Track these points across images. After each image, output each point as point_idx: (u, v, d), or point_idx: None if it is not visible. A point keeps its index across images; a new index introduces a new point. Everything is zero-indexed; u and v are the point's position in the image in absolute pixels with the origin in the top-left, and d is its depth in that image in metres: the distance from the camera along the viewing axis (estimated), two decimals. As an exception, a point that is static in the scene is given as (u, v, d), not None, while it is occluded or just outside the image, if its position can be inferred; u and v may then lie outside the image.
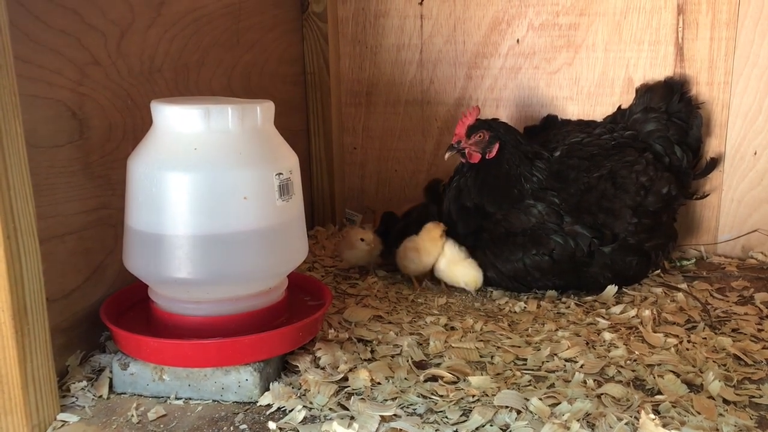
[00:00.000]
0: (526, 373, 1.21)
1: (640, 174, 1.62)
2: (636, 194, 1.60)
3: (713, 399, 1.12)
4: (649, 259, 1.63)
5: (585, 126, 1.77)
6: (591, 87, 1.88)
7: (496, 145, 1.59)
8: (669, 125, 1.73)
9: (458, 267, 1.59)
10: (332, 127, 2.06)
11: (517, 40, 1.91)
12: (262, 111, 1.16)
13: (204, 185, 1.10)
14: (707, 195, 1.81)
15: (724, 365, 1.24)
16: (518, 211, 1.58)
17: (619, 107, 1.82)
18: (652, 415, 1.04)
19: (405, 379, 1.19)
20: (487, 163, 1.60)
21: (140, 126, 1.33)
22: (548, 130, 1.80)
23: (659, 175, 1.64)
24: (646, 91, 1.78)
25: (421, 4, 1.95)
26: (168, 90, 1.44)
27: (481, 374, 1.21)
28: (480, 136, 1.59)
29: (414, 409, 1.10)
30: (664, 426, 1.02)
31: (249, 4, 1.73)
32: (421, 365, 1.25)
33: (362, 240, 1.68)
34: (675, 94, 1.75)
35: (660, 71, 1.81)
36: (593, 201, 1.58)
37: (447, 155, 1.62)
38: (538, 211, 1.56)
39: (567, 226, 1.55)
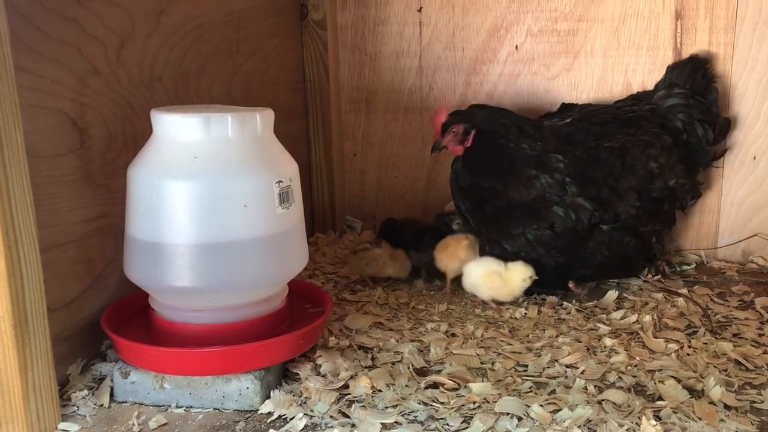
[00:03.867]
0: (527, 380, 1.21)
1: (651, 159, 1.61)
2: (643, 178, 1.60)
3: (714, 404, 1.12)
4: (644, 242, 1.63)
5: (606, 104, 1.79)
6: (590, 92, 1.88)
7: (472, 134, 1.61)
8: (693, 103, 1.70)
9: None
10: (332, 134, 2.06)
11: (516, 47, 1.92)
12: (262, 119, 1.17)
13: (204, 193, 1.10)
14: (725, 151, 1.79)
15: (725, 370, 1.24)
16: (519, 184, 1.58)
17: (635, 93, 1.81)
18: (653, 421, 1.04)
19: (406, 386, 1.19)
20: (469, 151, 1.62)
21: (140, 135, 1.33)
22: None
23: (670, 164, 1.62)
24: (673, 69, 1.76)
25: (419, 11, 1.96)
26: (168, 98, 1.44)
27: (482, 381, 1.21)
28: (455, 131, 1.62)
29: (415, 417, 1.10)
30: (666, 432, 1.02)
31: (249, 12, 1.74)
32: (422, 372, 1.25)
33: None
34: (700, 71, 1.73)
35: (658, 76, 1.80)
36: (600, 175, 1.58)
37: (432, 154, 1.68)
38: (541, 183, 1.56)
39: (569, 198, 1.55)
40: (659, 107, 1.71)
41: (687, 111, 1.70)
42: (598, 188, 1.57)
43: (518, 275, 1.53)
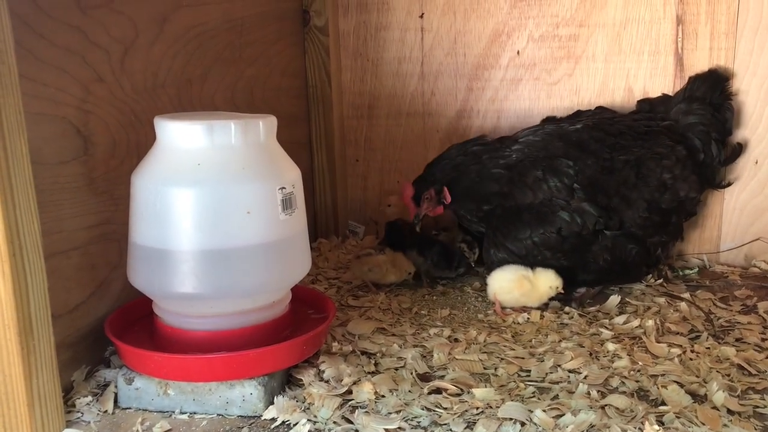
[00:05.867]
0: (529, 385, 1.21)
1: (665, 170, 1.62)
2: (655, 190, 1.60)
3: (717, 409, 1.12)
4: (648, 252, 1.63)
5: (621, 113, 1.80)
6: (591, 97, 1.89)
7: (445, 191, 1.65)
8: (712, 120, 1.71)
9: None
10: (334, 139, 2.07)
11: (518, 52, 1.92)
12: (265, 125, 1.17)
13: (207, 200, 1.11)
14: (731, 183, 1.80)
15: (728, 375, 1.24)
16: (525, 187, 1.59)
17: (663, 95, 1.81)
18: (656, 426, 1.04)
19: (409, 391, 1.19)
20: (453, 204, 1.67)
21: (144, 142, 1.34)
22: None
23: (684, 175, 1.63)
24: (694, 81, 1.75)
25: (421, 17, 1.97)
26: (171, 105, 1.45)
27: (485, 386, 1.21)
28: (428, 197, 1.66)
29: (418, 422, 1.10)
30: (669, 437, 1.02)
31: (251, 19, 1.75)
32: (425, 378, 1.25)
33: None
34: (720, 85, 1.74)
35: (660, 81, 1.82)
36: (613, 185, 1.59)
37: (417, 228, 1.72)
38: (548, 186, 1.58)
39: (575, 202, 1.56)
40: (678, 123, 1.71)
41: (706, 129, 1.70)
42: (609, 198, 1.58)
43: (545, 281, 1.54)
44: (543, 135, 1.66)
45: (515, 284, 1.53)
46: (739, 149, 1.77)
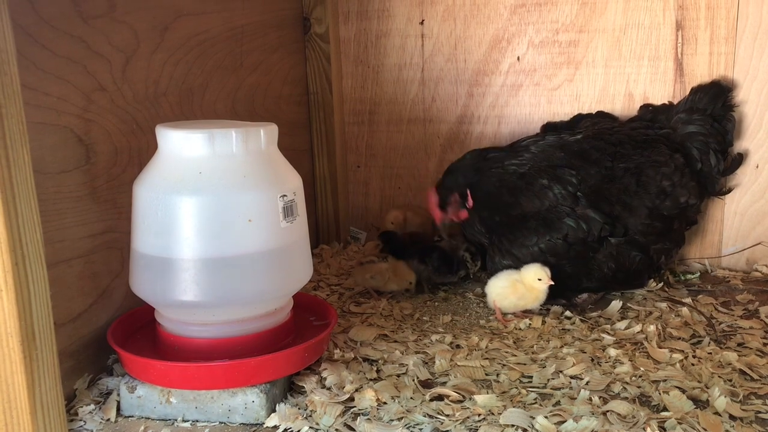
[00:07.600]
0: (531, 391, 1.21)
1: (665, 177, 1.62)
2: (656, 197, 1.61)
3: (719, 415, 1.12)
4: (652, 260, 1.63)
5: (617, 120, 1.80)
6: (592, 103, 1.89)
7: (467, 193, 1.64)
8: (711, 131, 1.71)
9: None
10: (336, 146, 2.07)
11: (518, 58, 1.93)
12: (266, 134, 1.18)
13: (209, 208, 1.11)
14: (731, 190, 1.80)
15: (730, 380, 1.24)
16: (533, 195, 1.59)
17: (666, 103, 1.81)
18: (658, 432, 1.05)
19: (411, 398, 1.19)
20: (475, 208, 1.64)
21: (146, 150, 1.35)
22: (579, 122, 1.81)
23: (683, 182, 1.63)
24: (696, 92, 1.75)
25: (421, 24, 1.97)
26: (173, 114, 1.46)
27: (487, 393, 1.21)
28: (454, 200, 1.65)
29: (420, 429, 1.11)
30: (671, 443, 1.02)
31: (251, 27, 1.76)
32: (426, 384, 1.25)
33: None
34: (722, 97, 1.74)
35: (660, 86, 1.82)
36: (614, 192, 1.59)
37: (445, 236, 1.72)
38: (554, 194, 1.58)
39: (580, 209, 1.56)
40: (676, 132, 1.71)
41: (705, 140, 1.70)
42: (611, 205, 1.59)
43: (531, 276, 1.52)
44: (544, 146, 1.66)
45: (510, 290, 1.53)
46: (740, 159, 1.77)
